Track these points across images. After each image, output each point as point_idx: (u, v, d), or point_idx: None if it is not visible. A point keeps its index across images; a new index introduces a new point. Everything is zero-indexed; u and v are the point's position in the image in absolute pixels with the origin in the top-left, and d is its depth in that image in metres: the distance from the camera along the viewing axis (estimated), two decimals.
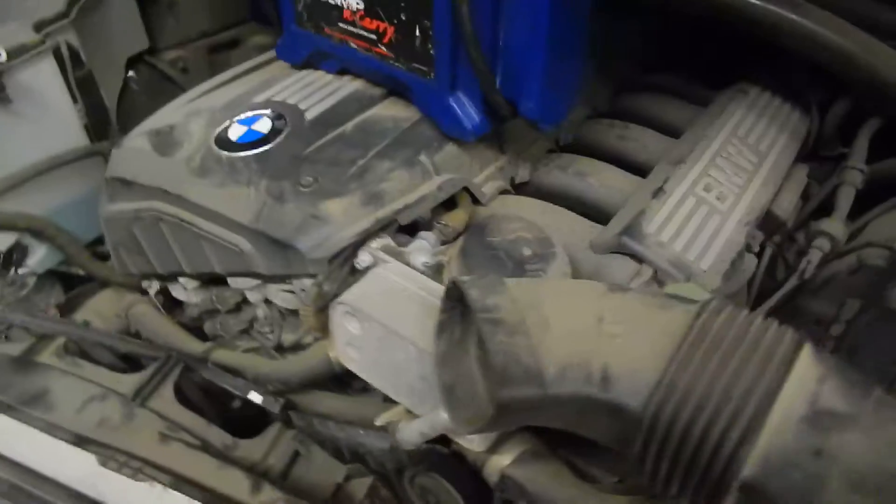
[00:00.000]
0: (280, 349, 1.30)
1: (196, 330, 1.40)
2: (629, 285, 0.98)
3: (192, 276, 1.28)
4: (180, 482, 0.92)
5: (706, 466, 0.58)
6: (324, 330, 1.02)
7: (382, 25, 1.10)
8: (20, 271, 1.67)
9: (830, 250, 1.12)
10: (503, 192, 1.22)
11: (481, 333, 0.65)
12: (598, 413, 0.64)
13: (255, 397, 1.17)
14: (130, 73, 1.77)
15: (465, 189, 1.13)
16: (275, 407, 1.17)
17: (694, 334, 0.63)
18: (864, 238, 1.15)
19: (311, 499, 1.07)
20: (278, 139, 1.13)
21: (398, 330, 0.87)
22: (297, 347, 1.24)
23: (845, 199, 1.21)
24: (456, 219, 1.11)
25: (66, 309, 1.58)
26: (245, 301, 1.27)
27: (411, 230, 1.14)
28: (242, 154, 1.11)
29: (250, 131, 1.15)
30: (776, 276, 1.29)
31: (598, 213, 1.21)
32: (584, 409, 0.64)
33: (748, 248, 1.23)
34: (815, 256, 1.09)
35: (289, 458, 1.09)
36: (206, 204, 1.08)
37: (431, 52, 1.04)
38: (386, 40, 1.11)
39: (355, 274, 1.00)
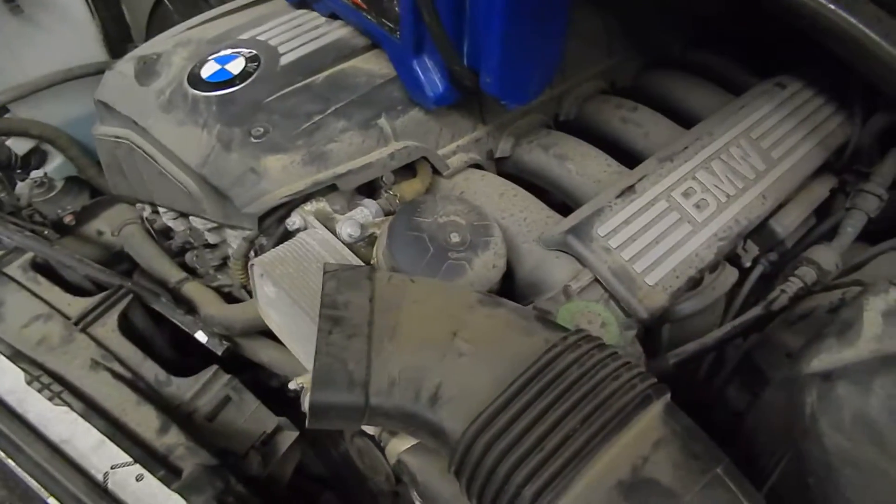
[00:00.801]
0: (249, 290, 1.31)
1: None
2: (568, 287, 0.91)
3: (167, 209, 1.29)
4: (91, 412, 0.95)
5: None
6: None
7: None
8: (39, 174, 1.75)
9: (816, 281, 1.00)
10: (474, 165, 1.15)
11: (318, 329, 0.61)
12: (421, 429, 0.60)
13: (202, 337, 1.19)
14: None
15: (426, 159, 1.08)
16: (218, 349, 1.19)
17: (536, 368, 0.58)
18: (862, 274, 1.01)
19: (237, 444, 1.09)
20: (245, 82, 1.10)
21: (298, 301, 0.85)
22: None
23: (851, 227, 1.07)
24: (409, 189, 1.06)
25: (84, 216, 1.64)
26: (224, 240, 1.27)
27: (371, 193, 1.11)
28: (206, 94, 1.09)
29: (221, 70, 1.13)
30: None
31: (571, 201, 1.13)
32: (409, 423, 0.60)
33: (735, 262, 1.13)
34: (791, 287, 0.98)
35: (219, 401, 1.10)
36: (164, 141, 1.08)
37: (397, 9, 0.97)
38: None
39: (287, 235, 0.98)
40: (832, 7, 0.99)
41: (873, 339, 0.65)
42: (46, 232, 1.50)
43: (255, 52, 1.15)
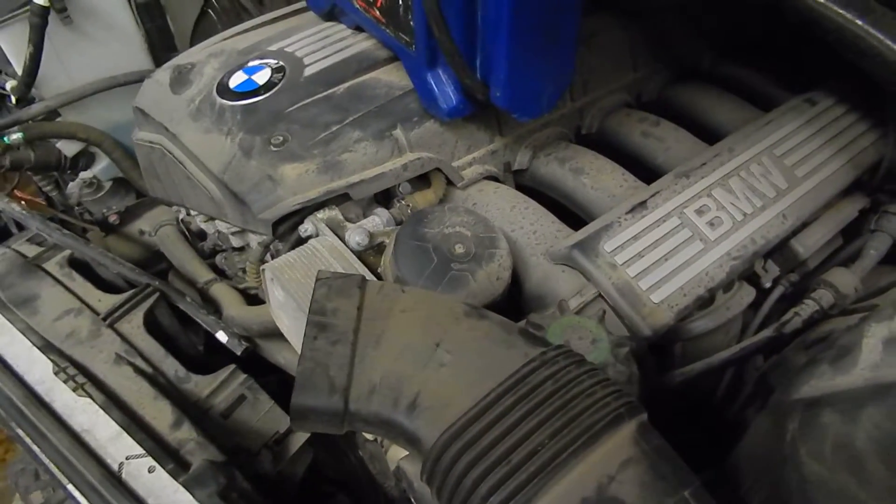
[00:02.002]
0: None
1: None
2: (570, 303, 0.91)
3: (197, 211, 1.34)
4: (110, 405, 1.00)
5: None
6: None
7: None
8: (88, 175, 1.84)
9: (833, 304, 0.97)
10: (491, 177, 1.16)
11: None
12: (399, 436, 0.61)
13: (222, 337, 1.23)
14: None
15: (440, 170, 1.09)
16: (237, 349, 1.22)
17: (512, 381, 0.58)
18: (883, 299, 0.98)
19: (251, 441, 1.13)
20: (269, 93, 1.14)
21: (304, 306, 0.87)
22: None
23: (875, 250, 1.03)
24: (422, 199, 1.08)
25: (127, 216, 1.72)
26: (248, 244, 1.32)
27: (388, 203, 1.13)
28: (232, 103, 1.13)
29: (248, 81, 1.17)
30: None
31: (585, 215, 1.13)
32: (387, 430, 0.61)
33: (754, 282, 1.10)
34: (805, 310, 0.95)
35: (234, 400, 1.14)
36: (191, 147, 1.13)
37: (412, 23, 0.99)
38: (379, 4, 1.07)
39: (301, 241, 1.01)
40: (859, 22, 0.97)
41: (869, 367, 0.63)
42: (89, 232, 1.58)
43: (281, 63, 1.19)
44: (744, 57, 1.47)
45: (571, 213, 1.15)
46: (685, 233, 0.98)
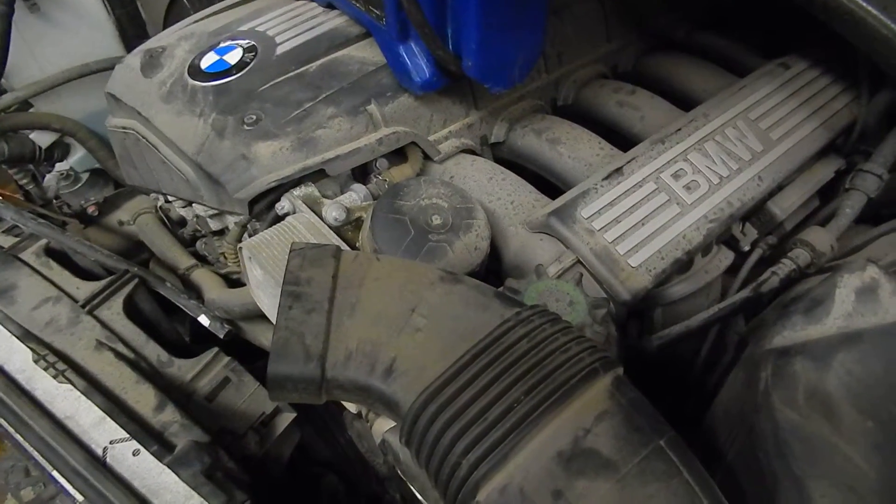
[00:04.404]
0: None
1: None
2: (549, 270, 0.91)
3: (175, 196, 1.33)
4: (92, 390, 0.99)
5: (447, 480, 0.54)
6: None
7: None
8: (65, 167, 1.82)
9: (810, 263, 0.98)
10: (468, 150, 1.16)
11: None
12: (376, 401, 0.61)
13: (204, 320, 1.22)
14: None
15: (416, 144, 1.09)
16: (220, 332, 1.22)
17: (487, 341, 0.59)
18: (861, 257, 0.99)
19: (236, 424, 1.12)
20: (241, 72, 1.12)
21: (280, 283, 0.87)
22: None
23: (850, 208, 1.04)
24: (398, 174, 1.07)
25: (106, 207, 1.70)
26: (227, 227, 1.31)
27: (365, 179, 1.13)
28: (204, 84, 1.12)
29: (220, 61, 1.15)
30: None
31: (563, 185, 1.13)
32: (364, 396, 0.62)
33: (733, 245, 1.11)
34: (782, 269, 0.96)
35: (218, 383, 1.13)
36: (164, 130, 1.11)
37: None
38: None
39: (278, 219, 1.00)
40: None
41: (842, 316, 0.64)
42: (68, 224, 1.56)
43: (252, 42, 1.18)
44: (718, 26, 1.47)
45: (550, 186, 1.15)
46: (662, 197, 0.98)
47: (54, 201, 1.91)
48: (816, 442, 0.54)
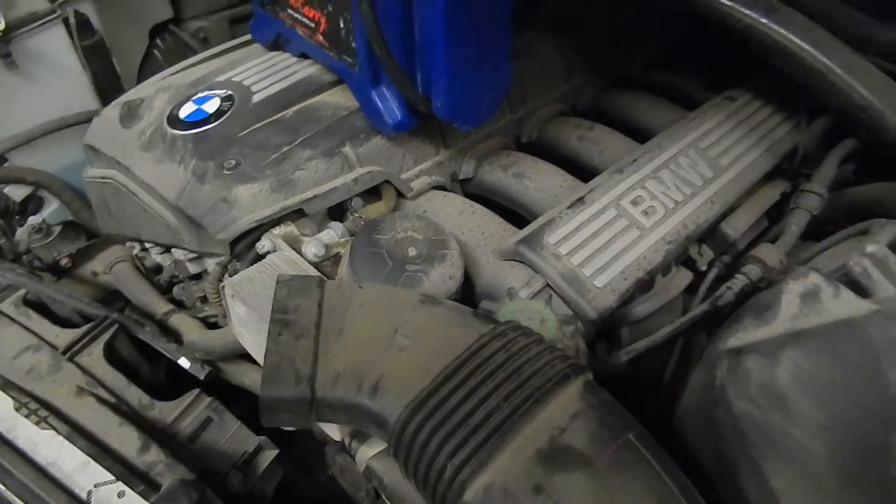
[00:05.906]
0: None
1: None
2: (519, 294, 0.96)
3: (152, 243, 1.36)
4: (75, 435, 1.00)
5: (435, 484, 0.58)
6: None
7: (317, 15, 1.12)
8: (37, 221, 1.82)
9: (761, 278, 1.05)
10: (438, 187, 1.22)
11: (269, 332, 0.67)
12: (365, 419, 0.65)
13: (184, 363, 1.24)
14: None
15: (390, 183, 1.14)
16: (200, 374, 1.23)
17: (466, 355, 0.63)
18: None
19: (219, 463, 1.13)
20: (220, 120, 1.17)
21: (266, 318, 0.90)
22: None
23: (795, 225, 1.12)
24: (373, 211, 1.12)
25: (79, 258, 1.70)
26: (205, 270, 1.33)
27: (341, 217, 1.17)
28: (184, 132, 1.16)
29: (198, 111, 1.20)
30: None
31: (530, 215, 1.19)
32: (353, 415, 0.65)
33: (690, 266, 1.18)
34: (737, 283, 1.02)
35: (200, 423, 1.15)
36: (144, 178, 1.15)
37: (353, 45, 1.05)
38: (321, 29, 1.13)
39: (259, 258, 1.04)
40: (763, 21, 1.07)
41: (789, 318, 0.70)
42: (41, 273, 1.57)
43: (229, 91, 1.23)
44: (670, 63, 1.58)
45: (518, 217, 1.21)
46: (622, 222, 1.05)
47: (24, 256, 1.91)
48: (770, 429, 0.59)
